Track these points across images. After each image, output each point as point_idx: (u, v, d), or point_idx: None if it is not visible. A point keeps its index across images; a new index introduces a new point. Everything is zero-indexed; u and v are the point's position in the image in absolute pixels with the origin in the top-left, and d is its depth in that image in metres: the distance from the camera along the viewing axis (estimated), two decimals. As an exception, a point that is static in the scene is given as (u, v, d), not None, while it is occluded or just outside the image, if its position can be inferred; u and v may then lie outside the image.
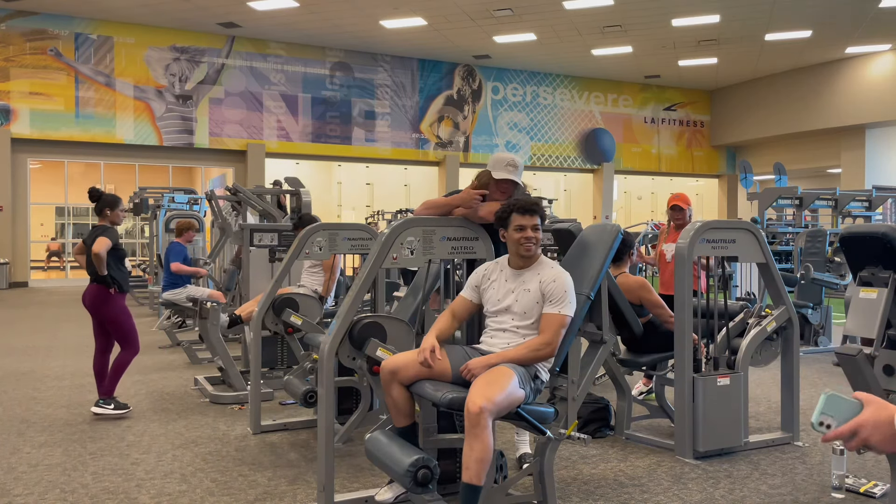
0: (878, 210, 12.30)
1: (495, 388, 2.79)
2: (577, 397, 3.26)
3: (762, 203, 11.23)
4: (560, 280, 3.09)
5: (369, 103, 20.33)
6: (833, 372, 6.74)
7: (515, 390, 2.85)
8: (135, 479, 3.88)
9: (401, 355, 3.12)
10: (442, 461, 3.54)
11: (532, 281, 3.12)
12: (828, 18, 16.36)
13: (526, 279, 3.15)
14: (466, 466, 2.76)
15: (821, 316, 8.12)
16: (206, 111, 18.27)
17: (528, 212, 3.14)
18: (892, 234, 3.39)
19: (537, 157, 22.66)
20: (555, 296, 3.06)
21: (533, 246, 3.14)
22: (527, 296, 3.10)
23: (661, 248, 5.68)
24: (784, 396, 4.63)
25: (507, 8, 15.75)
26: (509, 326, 3.14)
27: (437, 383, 3.02)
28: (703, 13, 16.17)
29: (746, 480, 3.88)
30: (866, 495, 3.65)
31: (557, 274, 3.11)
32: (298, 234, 4.79)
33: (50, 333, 9.33)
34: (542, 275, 3.12)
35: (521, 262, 3.19)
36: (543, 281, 3.09)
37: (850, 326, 3.57)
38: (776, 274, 4.56)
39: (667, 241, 5.64)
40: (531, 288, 3.11)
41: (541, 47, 19.47)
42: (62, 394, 5.84)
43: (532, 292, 3.10)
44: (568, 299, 3.06)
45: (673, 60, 20.75)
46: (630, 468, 4.07)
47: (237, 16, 16.55)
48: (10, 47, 16.52)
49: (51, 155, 17.46)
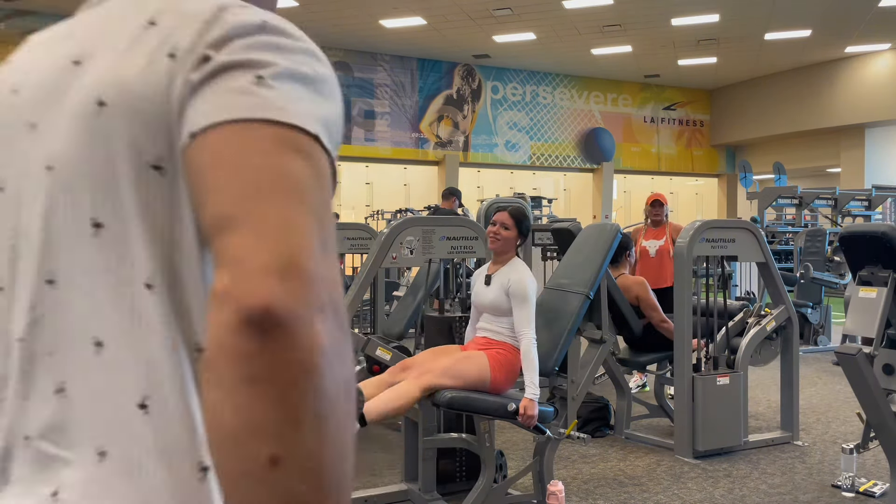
0: (877, 209, 12.30)
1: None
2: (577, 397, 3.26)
3: (762, 202, 11.23)
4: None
5: (369, 103, 20.34)
6: (833, 371, 6.74)
7: None
8: (134, 478, 3.88)
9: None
10: (442, 461, 3.55)
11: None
12: (827, 18, 16.37)
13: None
14: None
15: (820, 315, 8.12)
16: (206, 111, 18.28)
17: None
18: (892, 233, 3.39)
19: (537, 157, 22.67)
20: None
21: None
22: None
23: (641, 244, 5.84)
24: (784, 396, 4.63)
25: (507, 7, 15.77)
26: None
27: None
28: (703, 13, 16.18)
29: (746, 480, 3.88)
30: (866, 495, 3.65)
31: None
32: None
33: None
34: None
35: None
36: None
37: (849, 326, 3.57)
38: (776, 273, 4.56)
39: (646, 238, 5.83)
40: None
41: (540, 47, 19.49)
42: (62, 393, 5.83)
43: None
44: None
45: (672, 60, 20.77)
46: (630, 467, 4.07)
47: (237, 15, 16.56)
48: (9, 47, 16.53)
49: (50, 155, 17.48)
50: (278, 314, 0.49)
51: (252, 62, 0.58)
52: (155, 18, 0.63)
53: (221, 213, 0.52)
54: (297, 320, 0.49)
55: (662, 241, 5.71)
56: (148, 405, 0.59)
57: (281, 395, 0.48)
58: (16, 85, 0.69)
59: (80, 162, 0.61)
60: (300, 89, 0.59)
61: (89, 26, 0.67)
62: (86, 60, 0.64)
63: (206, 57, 0.59)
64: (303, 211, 0.53)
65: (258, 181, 0.53)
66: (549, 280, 3.82)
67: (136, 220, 0.60)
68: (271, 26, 0.61)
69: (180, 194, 0.59)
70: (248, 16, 0.61)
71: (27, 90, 0.67)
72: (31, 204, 0.64)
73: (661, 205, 5.85)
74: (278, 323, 0.49)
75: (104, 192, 0.60)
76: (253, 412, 0.48)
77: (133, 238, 0.60)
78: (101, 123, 0.61)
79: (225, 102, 0.56)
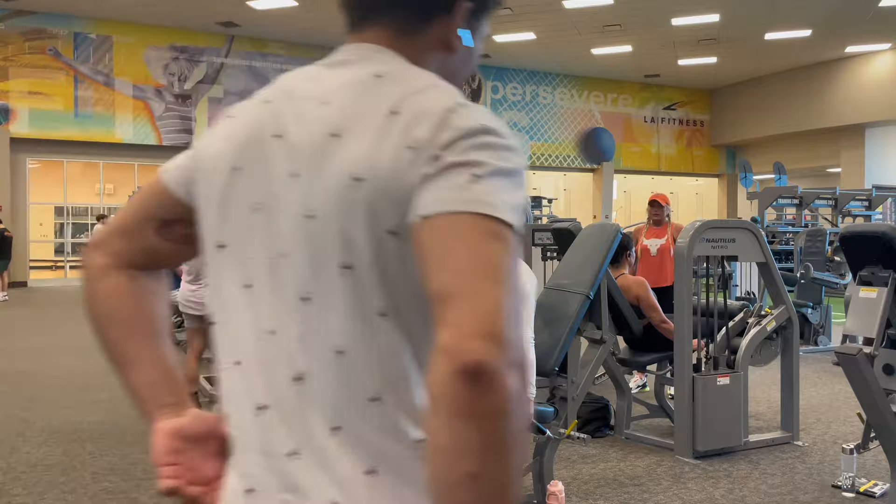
0: (877, 209, 12.30)
1: None
2: (577, 397, 3.26)
3: (762, 202, 11.23)
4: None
5: (369, 103, 20.33)
6: (833, 371, 6.74)
7: None
8: (134, 478, 3.88)
9: None
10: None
11: None
12: (827, 18, 16.36)
13: None
14: None
15: (821, 315, 8.12)
16: (206, 111, 18.25)
17: None
18: (892, 233, 3.39)
19: (537, 157, 22.66)
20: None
21: None
22: None
23: (642, 243, 5.87)
24: (784, 396, 4.63)
25: (507, 7, 15.75)
26: None
27: None
28: (703, 12, 16.17)
29: (746, 480, 3.88)
30: (866, 495, 3.65)
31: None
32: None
33: (50, 333, 9.32)
34: None
35: None
36: None
37: (850, 326, 3.57)
38: (776, 273, 4.56)
39: (647, 237, 5.85)
40: None
41: (540, 47, 19.47)
42: (62, 394, 5.84)
43: None
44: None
45: (673, 60, 20.74)
46: (630, 468, 4.07)
47: (236, 15, 16.54)
48: (8, 47, 16.51)
49: (50, 154, 17.45)
50: (486, 369, 0.67)
51: (470, 162, 0.78)
52: (397, 108, 0.83)
53: (443, 290, 0.73)
54: (497, 374, 0.67)
55: (664, 240, 5.72)
56: (379, 398, 0.82)
57: (482, 428, 0.67)
58: (279, 131, 0.89)
59: (335, 219, 0.82)
60: (503, 182, 0.78)
61: (341, 99, 0.87)
62: (343, 135, 0.84)
63: (437, 156, 0.79)
64: (501, 290, 0.72)
65: (470, 265, 0.73)
66: (549, 280, 3.81)
67: (372, 268, 0.81)
68: (487, 128, 0.82)
69: (406, 253, 0.80)
70: (471, 120, 0.82)
71: (291, 142, 0.88)
72: (289, 235, 0.86)
73: (661, 205, 5.87)
74: (485, 375, 0.67)
75: (350, 244, 0.82)
76: (461, 438, 0.67)
77: (369, 280, 0.81)
78: (355, 194, 0.81)
79: (449, 196, 0.77)
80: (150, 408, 0.96)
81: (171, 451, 0.92)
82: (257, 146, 0.90)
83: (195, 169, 0.95)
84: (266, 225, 0.88)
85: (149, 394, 0.96)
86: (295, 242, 0.85)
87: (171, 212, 0.98)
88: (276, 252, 0.87)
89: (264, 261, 0.88)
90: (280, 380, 0.85)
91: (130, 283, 0.99)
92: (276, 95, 0.93)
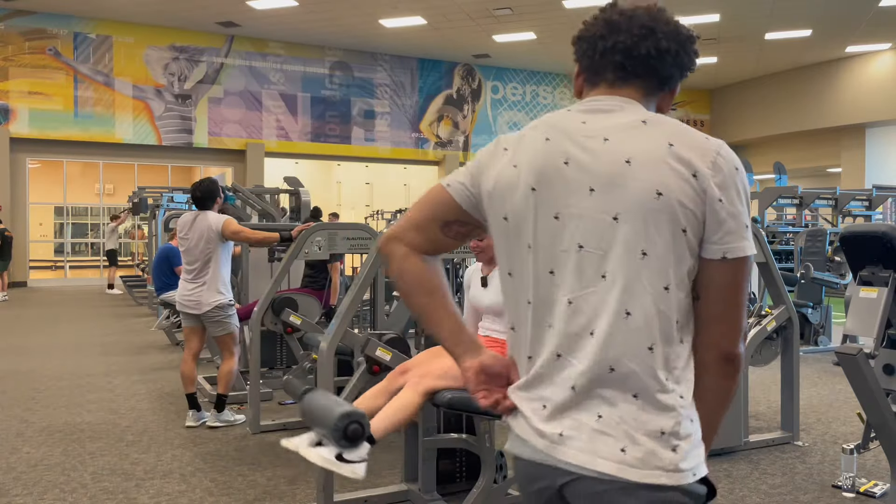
0: (878, 209, 12.28)
1: None
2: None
3: (762, 202, 11.22)
4: None
5: (369, 102, 20.32)
6: (833, 371, 6.74)
7: None
8: (134, 478, 3.88)
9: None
10: (442, 461, 3.54)
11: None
12: (828, 17, 16.36)
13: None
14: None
15: (821, 315, 8.11)
16: (206, 110, 18.25)
17: None
18: (892, 233, 3.39)
19: (537, 157, 22.64)
20: None
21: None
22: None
23: None
24: (784, 396, 4.63)
25: (507, 7, 15.75)
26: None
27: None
28: (703, 12, 16.17)
29: (746, 480, 3.88)
30: (866, 495, 3.65)
31: None
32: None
33: (50, 333, 9.32)
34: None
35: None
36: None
37: (850, 326, 3.56)
38: (776, 273, 4.56)
39: None
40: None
41: (540, 46, 19.46)
42: (62, 394, 5.84)
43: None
44: None
45: (672, 60, 20.69)
46: (630, 468, 4.06)
47: (236, 15, 16.53)
48: (8, 47, 16.50)
49: (50, 154, 17.45)
50: (737, 357, 1.26)
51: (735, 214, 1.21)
52: (672, 141, 1.21)
53: (719, 313, 1.25)
54: (739, 361, 1.27)
55: None
56: (652, 348, 1.21)
57: (730, 389, 1.29)
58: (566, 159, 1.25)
59: (638, 221, 1.19)
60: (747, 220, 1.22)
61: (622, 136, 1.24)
62: (633, 161, 1.20)
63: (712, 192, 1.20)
64: (742, 312, 1.26)
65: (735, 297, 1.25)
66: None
67: (668, 254, 1.20)
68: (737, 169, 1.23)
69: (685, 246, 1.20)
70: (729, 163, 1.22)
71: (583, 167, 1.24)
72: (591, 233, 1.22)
73: None
74: (736, 361, 1.27)
75: (647, 238, 1.19)
76: (721, 394, 1.29)
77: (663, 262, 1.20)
78: (657, 204, 1.18)
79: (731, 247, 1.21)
80: (459, 351, 1.36)
81: (480, 382, 1.34)
82: (552, 172, 1.25)
83: (490, 189, 1.32)
84: (565, 227, 1.24)
85: (455, 340, 1.36)
86: (598, 238, 1.22)
87: (452, 215, 1.37)
88: (577, 245, 1.23)
89: (565, 253, 1.24)
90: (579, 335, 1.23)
91: (424, 263, 1.37)
92: (551, 134, 1.28)
